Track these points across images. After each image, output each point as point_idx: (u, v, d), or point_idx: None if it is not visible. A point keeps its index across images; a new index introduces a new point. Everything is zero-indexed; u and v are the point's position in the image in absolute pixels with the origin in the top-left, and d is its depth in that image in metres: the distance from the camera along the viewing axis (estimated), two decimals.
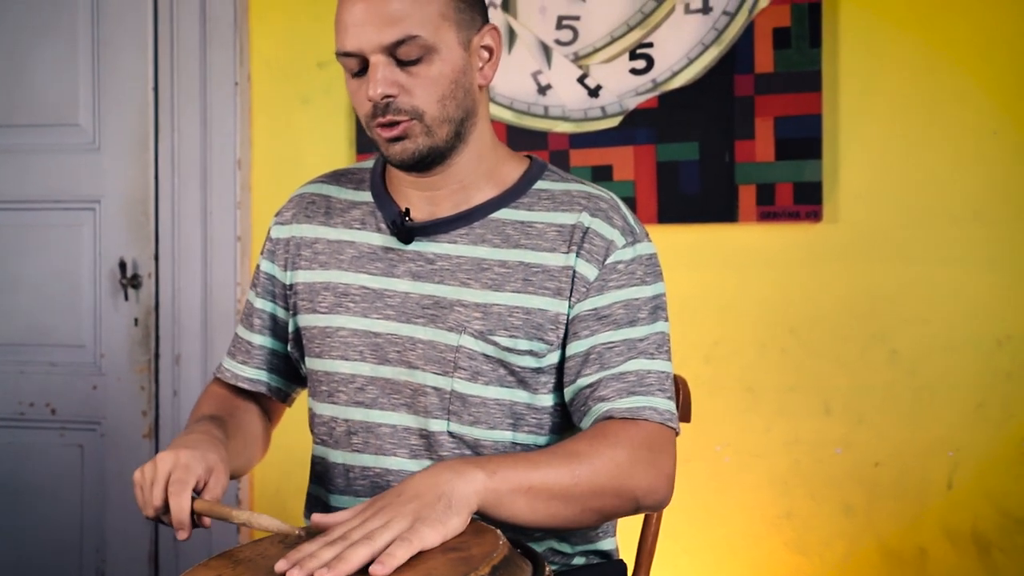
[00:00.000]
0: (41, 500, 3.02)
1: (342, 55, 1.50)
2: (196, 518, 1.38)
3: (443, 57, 1.48)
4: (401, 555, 1.18)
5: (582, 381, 1.52)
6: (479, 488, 1.30)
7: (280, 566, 1.18)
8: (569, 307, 1.53)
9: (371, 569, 1.16)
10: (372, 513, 1.26)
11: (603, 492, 1.42)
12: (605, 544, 1.64)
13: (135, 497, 1.42)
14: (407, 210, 1.57)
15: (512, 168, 1.62)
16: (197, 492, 1.39)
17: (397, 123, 1.49)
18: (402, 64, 1.47)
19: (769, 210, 2.50)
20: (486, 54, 1.55)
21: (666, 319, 1.57)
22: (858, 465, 2.51)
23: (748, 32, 2.51)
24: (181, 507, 1.36)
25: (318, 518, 1.30)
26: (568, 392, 1.54)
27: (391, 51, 1.46)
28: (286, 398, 1.77)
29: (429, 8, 1.47)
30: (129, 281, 2.93)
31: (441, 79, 1.48)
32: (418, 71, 1.48)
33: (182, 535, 1.37)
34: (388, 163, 1.58)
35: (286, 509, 2.83)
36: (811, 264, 2.52)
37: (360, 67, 1.50)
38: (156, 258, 2.92)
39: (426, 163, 1.53)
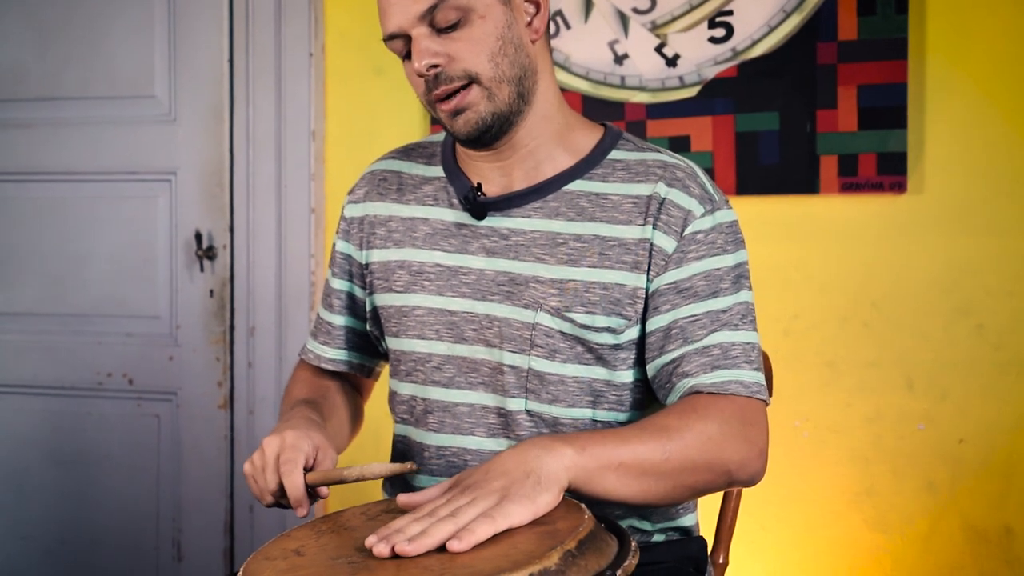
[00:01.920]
0: (118, 469, 3.05)
1: (388, 40, 1.49)
2: (312, 491, 1.39)
3: (482, 15, 1.45)
4: (482, 532, 1.16)
5: (665, 357, 1.49)
6: (568, 464, 1.28)
7: (370, 541, 1.17)
8: (648, 281, 1.50)
9: (448, 544, 1.15)
10: (460, 490, 1.24)
11: (695, 467, 1.39)
12: (686, 520, 1.62)
13: (250, 490, 1.44)
14: (479, 185, 1.55)
15: (585, 136, 1.59)
16: (308, 469, 1.40)
17: (453, 94, 1.47)
18: (443, 31, 1.45)
19: (851, 181, 2.45)
20: (532, 8, 1.52)
21: (749, 288, 1.54)
22: (942, 442, 2.46)
23: None
24: (295, 484, 1.37)
25: (404, 498, 1.29)
26: (651, 369, 1.51)
27: (429, 21, 1.44)
28: (370, 373, 1.78)
29: None
30: (204, 253, 2.94)
31: (485, 38, 1.46)
32: (460, 35, 1.45)
33: (301, 512, 1.38)
34: (456, 140, 1.56)
35: (362, 485, 2.83)
36: (895, 236, 2.47)
37: (407, 49, 1.49)
38: (231, 230, 2.93)
39: (492, 133, 1.50)
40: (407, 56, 1.50)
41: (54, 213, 3.08)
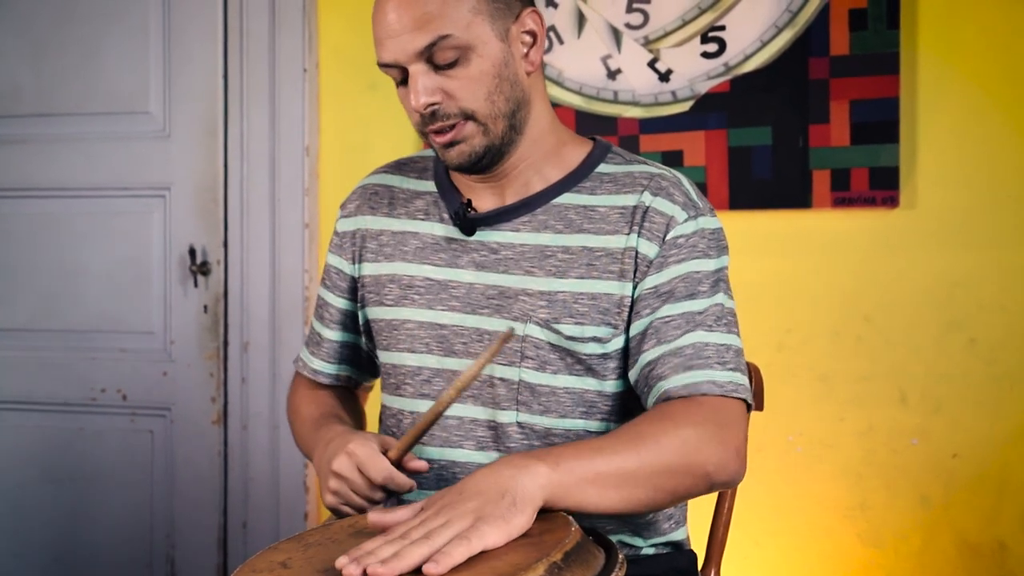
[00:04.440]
0: (112, 485, 3.05)
1: (382, 66, 1.49)
2: (404, 470, 1.44)
3: (480, 53, 1.46)
4: (458, 555, 1.15)
5: (643, 358, 1.49)
6: (544, 482, 1.26)
7: (340, 562, 1.16)
8: (633, 288, 1.51)
9: (425, 568, 1.13)
10: (433, 511, 1.23)
11: (672, 471, 1.37)
12: (676, 535, 1.62)
13: (343, 496, 1.45)
14: (469, 201, 1.56)
15: (574, 150, 1.60)
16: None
17: (449, 128, 1.48)
18: (440, 68, 1.46)
19: (844, 196, 2.46)
20: (529, 39, 1.52)
21: (728, 293, 1.53)
22: (935, 456, 2.46)
23: (823, 13, 2.46)
24: (382, 468, 1.42)
25: (375, 517, 1.28)
26: (632, 373, 1.52)
27: (427, 57, 1.45)
28: (357, 386, 1.80)
29: (459, 6, 1.44)
30: (198, 268, 2.94)
31: (483, 76, 1.46)
32: (457, 73, 1.46)
33: (406, 487, 1.43)
34: (447, 167, 1.57)
35: None
36: (887, 251, 2.48)
37: (402, 76, 1.49)
38: (225, 245, 2.94)
39: (484, 163, 1.52)
40: (402, 82, 1.50)
41: (48, 229, 3.09)
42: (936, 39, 2.44)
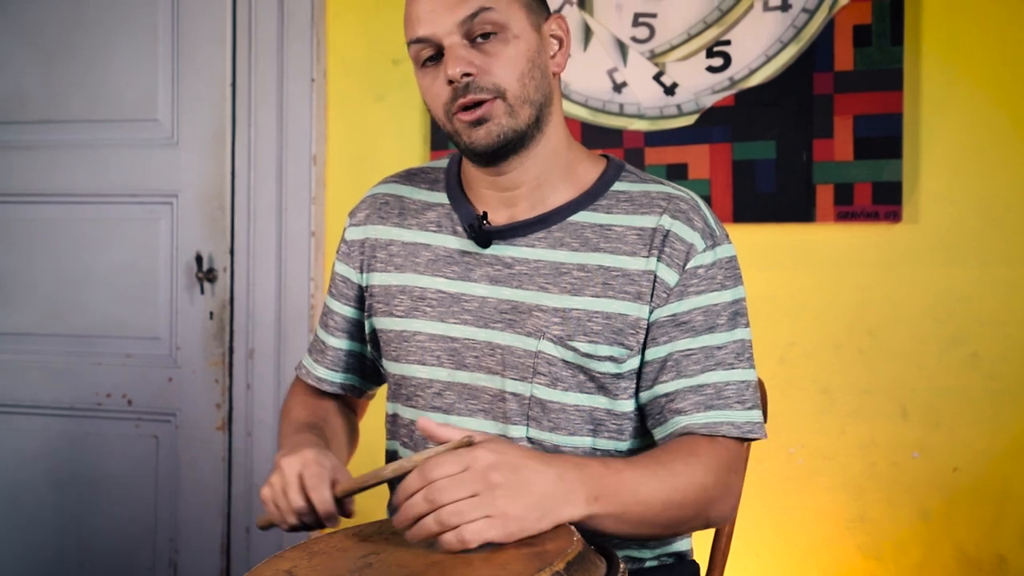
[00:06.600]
0: (116, 490, 3.06)
1: (414, 42, 1.50)
2: (341, 506, 1.41)
3: (516, 35, 1.48)
4: (479, 539, 1.22)
5: (659, 388, 1.51)
6: (577, 515, 1.31)
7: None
8: (650, 312, 1.51)
9: (443, 539, 1.22)
10: (480, 470, 1.25)
11: (683, 519, 1.45)
12: (680, 545, 1.64)
13: (270, 515, 1.44)
14: (484, 213, 1.56)
15: (589, 168, 1.60)
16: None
17: (479, 104, 1.48)
18: (475, 44, 1.47)
19: (847, 210, 2.47)
20: (556, 42, 1.56)
21: (746, 325, 1.55)
22: (936, 469, 2.47)
23: (828, 29, 2.47)
24: (324, 499, 1.39)
25: (425, 424, 1.33)
26: (643, 396, 1.53)
27: (465, 31, 1.47)
28: (362, 395, 1.79)
29: None
30: (205, 275, 2.96)
31: (518, 57, 1.48)
32: (494, 50, 1.47)
33: (331, 524, 1.42)
34: (467, 152, 1.55)
35: (358, 505, 2.83)
36: (890, 265, 2.48)
37: (433, 53, 1.50)
38: (232, 252, 2.95)
39: (507, 149, 1.51)
40: (425, 62, 1.51)
41: (56, 234, 3.10)
42: (940, 55, 2.45)
